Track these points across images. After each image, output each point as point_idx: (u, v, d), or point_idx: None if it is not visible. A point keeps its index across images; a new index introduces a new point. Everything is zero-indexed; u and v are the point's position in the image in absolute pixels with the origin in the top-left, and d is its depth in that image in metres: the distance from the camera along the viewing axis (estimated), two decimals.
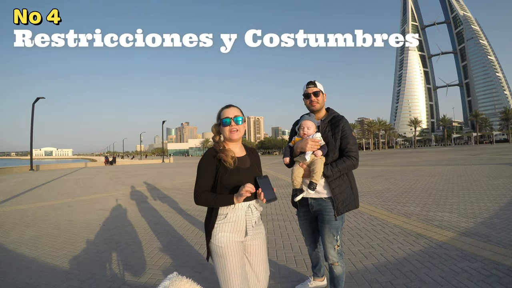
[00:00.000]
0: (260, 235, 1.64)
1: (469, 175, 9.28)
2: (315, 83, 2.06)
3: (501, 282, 2.27)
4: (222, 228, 1.53)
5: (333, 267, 1.99)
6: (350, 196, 1.98)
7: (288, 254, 3.17)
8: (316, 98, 2.04)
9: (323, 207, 1.96)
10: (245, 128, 1.67)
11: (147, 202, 6.79)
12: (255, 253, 1.60)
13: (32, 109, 20.40)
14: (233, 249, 1.51)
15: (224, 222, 1.53)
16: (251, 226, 1.54)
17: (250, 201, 1.55)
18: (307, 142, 1.88)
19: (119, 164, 34.43)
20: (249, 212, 1.54)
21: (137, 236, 4.02)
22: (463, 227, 3.76)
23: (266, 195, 1.47)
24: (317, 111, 2.08)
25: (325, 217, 1.96)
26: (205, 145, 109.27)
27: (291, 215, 4.96)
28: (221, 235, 1.52)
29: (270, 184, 1.52)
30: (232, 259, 1.50)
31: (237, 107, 1.65)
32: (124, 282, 2.58)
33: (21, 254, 3.36)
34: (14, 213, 5.81)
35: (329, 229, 1.94)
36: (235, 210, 1.53)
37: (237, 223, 1.53)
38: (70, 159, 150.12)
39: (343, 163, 1.91)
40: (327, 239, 1.96)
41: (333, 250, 1.96)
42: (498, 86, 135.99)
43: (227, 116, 1.58)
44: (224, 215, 1.54)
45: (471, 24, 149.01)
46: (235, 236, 1.53)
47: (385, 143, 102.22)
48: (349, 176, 2.02)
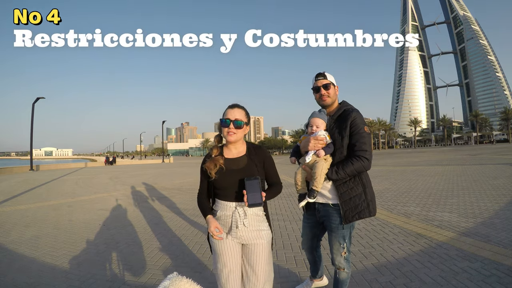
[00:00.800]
0: (260, 241, 1.58)
1: (469, 175, 9.28)
2: (325, 74, 1.84)
3: (501, 282, 2.27)
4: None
5: (339, 272, 1.89)
6: (362, 202, 1.72)
7: (288, 254, 3.17)
8: (327, 92, 1.82)
9: (330, 214, 1.79)
10: (247, 131, 1.65)
11: (147, 202, 6.79)
12: (255, 253, 1.59)
13: (32, 109, 20.41)
14: (224, 248, 1.57)
15: (216, 219, 1.60)
16: (236, 227, 1.55)
17: (238, 202, 1.56)
18: (309, 140, 1.74)
19: (119, 164, 34.43)
20: (236, 213, 1.55)
21: (137, 236, 4.02)
22: (463, 227, 3.76)
23: (249, 198, 1.41)
24: (329, 106, 1.87)
25: (331, 225, 1.79)
26: (205, 145, 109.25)
27: (291, 215, 4.95)
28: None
29: (258, 187, 1.43)
30: (222, 257, 1.57)
31: (242, 108, 1.63)
32: (124, 282, 2.58)
33: (21, 254, 3.36)
34: (14, 213, 5.81)
35: (335, 237, 1.80)
36: (224, 209, 1.59)
37: (225, 222, 1.59)
38: (70, 159, 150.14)
39: (351, 166, 1.66)
40: (334, 246, 1.83)
41: (340, 256, 1.83)
42: (498, 86, 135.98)
43: (228, 118, 1.57)
44: (215, 212, 1.63)
45: (471, 24, 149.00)
46: (225, 234, 1.59)
47: (385, 143, 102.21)
48: (362, 179, 1.76)
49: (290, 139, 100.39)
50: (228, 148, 1.65)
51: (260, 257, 1.58)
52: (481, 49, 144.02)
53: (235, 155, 1.63)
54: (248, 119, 1.64)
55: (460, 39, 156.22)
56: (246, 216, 1.55)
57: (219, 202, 1.61)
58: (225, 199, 1.58)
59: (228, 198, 1.57)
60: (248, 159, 1.62)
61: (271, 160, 1.69)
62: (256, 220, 1.59)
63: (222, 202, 1.59)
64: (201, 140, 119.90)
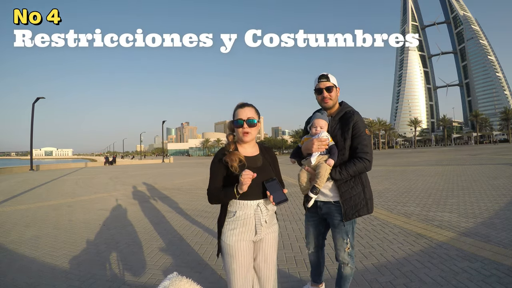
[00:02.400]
0: (272, 234, 1.63)
1: (469, 175, 9.28)
2: (328, 76, 1.84)
3: (501, 282, 2.27)
4: (231, 226, 1.54)
5: (343, 266, 1.91)
6: (362, 201, 1.81)
7: (288, 254, 3.17)
8: (329, 94, 1.84)
9: (331, 211, 1.85)
10: (259, 128, 1.65)
11: (147, 202, 6.79)
12: (268, 246, 1.60)
13: (32, 109, 20.39)
14: (241, 248, 1.52)
15: (233, 220, 1.54)
16: (260, 225, 1.53)
17: (259, 200, 1.53)
18: (313, 142, 1.75)
19: (119, 164, 34.42)
20: (258, 210, 1.52)
21: (137, 236, 4.02)
22: (463, 227, 3.76)
23: (275, 197, 1.46)
24: (329, 109, 1.90)
25: (333, 221, 1.86)
26: (205, 145, 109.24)
27: (291, 215, 4.96)
28: (230, 233, 1.53)
29: (279, 186, 1.49)
30: (238, 258, 1.51)
31: (252, 107, 1.62)
32: (124, 282, 2.58)
33: (21, 254, 3.36)
34: (14, 213, 5.81)
35: (338, 233, 1.86)
36: (244, 208, 1.53)
37: (246, 221, 1.53)
38: (70, 159, 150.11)
39: (354, 166, 1.73)
40: (337, 241, 1.88)
41: (343, 252, 1.87)
42: (498, 86, 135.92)
43: (240, 118, 1.56)
44: (233, 213, 1.55)
45: (471, 24, 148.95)
46: (244, 235, 1.53)
47: (385, 143, 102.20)
48: (362, 179, 1.84)
49: (290, 139, 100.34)
50: (243, 147, 1.63)
51: (272, 249, 1.62)
52: (481, 49, 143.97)
53: (250, 153, 1.63)
54: (258, 116, 1.65)
55: (460, 39, 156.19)
56: (268, 212, 1.57)
57: (238, 202, 1.53)
58: (245, 198, 1.52)
59: (249, 197, 1.51)
60: (263, 158, 1.64)
61: (277, 161, 1.75)
62: (272, 216, 1.63)
63: (241, 202, 1.52)
64: (201, 140, 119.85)
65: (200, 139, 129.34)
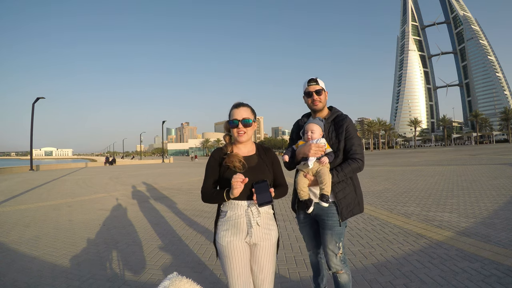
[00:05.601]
0: (269, 241, 1.56)
1: (469, 175, 9.28)
2: (317, 80, 1.92)
3: (501, 282, 2.27)
4: (224, 226, 1.53)
5: (338, 275, 1.84)
6: (354, 200, 1.86)
7: (288, 254, 3.17)
8: (319, 97, 1.90)
9: (325, 212, 1.82)
10: (255, 127, 1.65)
11: (147, 202, 6.79)
12: (264, 253, 1.55)
13: (32, 109, 20.39)
14: (235, 249, 1.49)
15: (225, 220, 1.53)
16: (251, 227, 1.50)
17: (250, 201, 1.51)
18: (311, 147, 1.75)
19: (119, 164, 34.41)
20: (249, 211, 1.50)
21: (137, 236, 4.02)
22: (463, 227, 3.76)
23: (259, 198, 1.42)
24: (320, 111, 1.96)
25: (327, 222, 1.81)
26: (205, 145, 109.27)
27: (291, 215, 4.95)
28: (222, 234, 1.52)
29: (267, 188, 1.44)
30: (233, 259, 1.49)
31: (248, 106, 1.62)
32: (124, 282, 2.58)
33: (21, 254, 3.36)
34: (14, 213, 5.81)
35: (331, 235, 1.81)
36: (234, 208, 1.52)
37: (237, 222, 1.51)
38: (70, 159, 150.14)
39: (349, 167, 1.78)
40: (329, 246, 1.82)
41: (335, 257, 1.81)
42: (498, 86, 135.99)
43: (235, 118, 1.56)
44: (224, 213, 1.55)
45: (471, 24, 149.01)
46: (236, 236, 1.51)
47: (385, 143, 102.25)
48: (353, 179, 1.89)
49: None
50: (238, 147, 1.63)
51: (269, 258, 1.55)
52: (481, 49, 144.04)
53: (246, 153, 1.62)
54: (254, 115, 1.64)
55: (460, 39, 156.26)
56: (260, 214, 1.53)
57: (229, 202, 1.53)
58: (236, 198, 1.50)
59: (240, 197, 1.49)
60: (258, 158, 1.63)
61: (279, 162, 1.72)
62: (267, 218, 1.58)
63: (232, 201, 1.52)
64: (201, 140, 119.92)
65: (200, 139, 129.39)
